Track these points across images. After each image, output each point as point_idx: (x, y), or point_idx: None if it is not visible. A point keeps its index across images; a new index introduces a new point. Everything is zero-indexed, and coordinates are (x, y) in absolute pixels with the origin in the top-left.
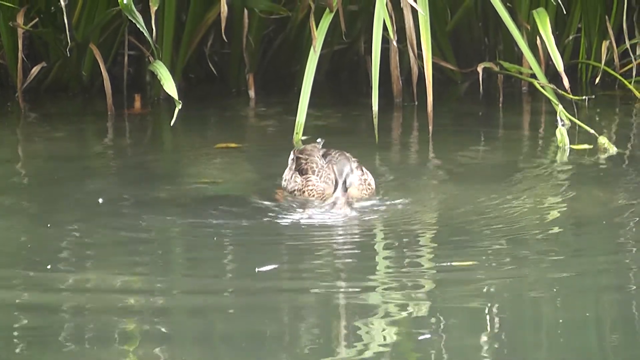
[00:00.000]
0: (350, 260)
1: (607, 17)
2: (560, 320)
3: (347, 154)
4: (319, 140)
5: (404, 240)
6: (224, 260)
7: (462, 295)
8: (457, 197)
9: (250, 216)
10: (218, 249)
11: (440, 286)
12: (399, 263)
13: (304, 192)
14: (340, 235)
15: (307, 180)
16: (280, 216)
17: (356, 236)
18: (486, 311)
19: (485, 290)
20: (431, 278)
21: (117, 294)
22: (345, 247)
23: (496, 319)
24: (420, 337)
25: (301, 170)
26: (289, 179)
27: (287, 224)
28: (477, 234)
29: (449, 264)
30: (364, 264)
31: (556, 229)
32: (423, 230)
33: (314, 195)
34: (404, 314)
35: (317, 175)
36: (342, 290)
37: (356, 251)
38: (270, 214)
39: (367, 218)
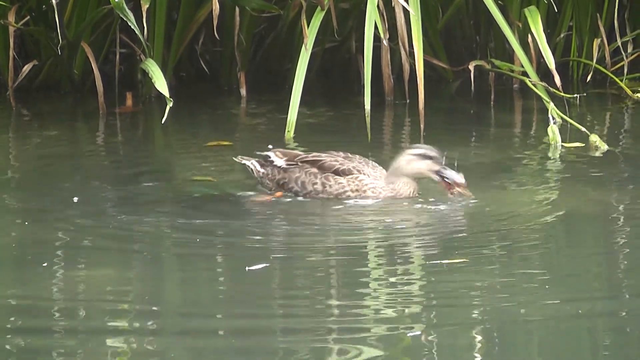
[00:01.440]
0: (341, 258)
1: (598, 15)
2: (552, 319)
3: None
4: (270, 146)
5: (395, 239)
6: (214, 259)
7: (453, 292)
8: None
9: (242, 214)
10: (209, 246)
11: (430, 283)
12: (390, 261)
13: (361, 191)
14: (332, 233)
15: (359, 180)
16: (271, 214)
17: (347, 235)
18: (478, 309)
19: (476, 287)
20: (422, 275)
21: (108, 288)
22: (337, 245)
23: (487, 317)
24: (410, 334)
25: (338, 172)
26: (320, 182)
27: (278, 222)
28: (468, 231)
29: (439, 261)
30: (356, 263)
31: (548, 227)
32: (413, 228)
33: (379, 194)
34: (395, 310)
35: (365, 174)
36: (333, 288)
37: (348, 250)
38: (261, 212)
39: (357, 217)
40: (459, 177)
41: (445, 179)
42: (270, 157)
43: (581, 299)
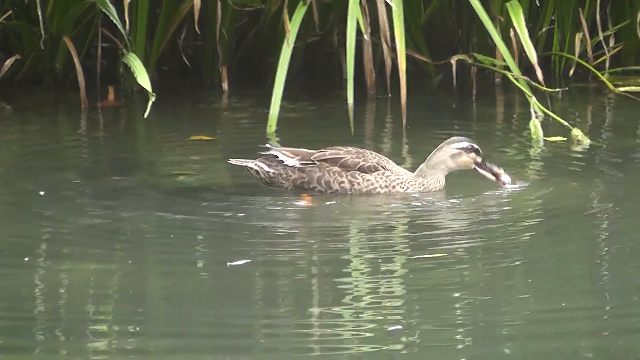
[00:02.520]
0: (324, 254)
1: (580, 9)
2: (533, 311)
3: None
4: (267, 145)
5: (375, 232)
6: (196, 253)
7: (433, 286)
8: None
9: (224, 208)
10: (191, 241)
11: (409, 276)
12: (371, 255)
13: (390, 187)
14: (314, 227)
15: (387, 176)
16: (253, 206)
17: (329, 227)
18: (459, 302)
19: (456, 281)
20: (402, 268)
21: (89, 282)
22: (319, 239)
23: (468, 309)
24: (391, 328)
25: (364, 169)
26: (347, 180)
27: (259, 217)
28: (449, 225)
29: (421, 256)
30: (337, 256)
31: (530, 220)
32: (394, 222)
33: (407, 189)
34: (376, 305)
35: (389, 169)
36: (314, 283)
37: (330, 243)
38: (243, 206)
39: (338, 211)
40: (497, 169)
41: (488, 170)
42: (278, 157)
43: (563, 294)
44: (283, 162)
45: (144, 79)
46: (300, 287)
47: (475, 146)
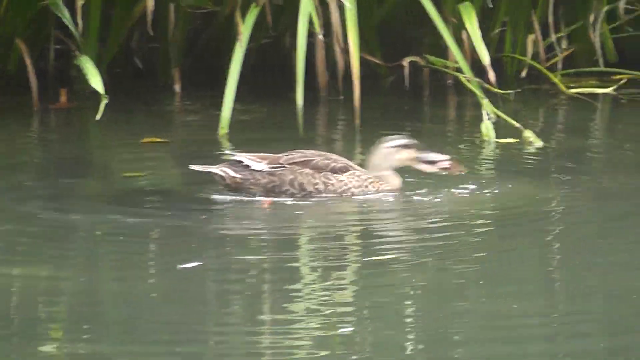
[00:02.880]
0: (275, 257)
1: (532, 11)
2: (484, 312)
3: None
4: (230, 151)
5: (327, 236)
6: (147, 256)
7: (384, 288)
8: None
9: (176, 211)
10: (142, 243)
11: (360, 279)
12: (322, 258)
13: (363, 187)
14: (266, 230)
15: (358, 176)
16: (205, 209)
17: (282, 230)
18: (408, 303)
19: (407, 283)
20: (352, 271)
21: (40, 283)
22: (272, 242)
23: (419, 311)
24: (342, 330)
25: (335, 169)
26: (321, 182)
27: (212, 219)
28: (400, 228)
29: (369, 258)
30: (289, 260)
31: (481, 222)
32: (342, 225)
33: (378, 188)
34: (326, 306)
35: (358, 170)
36: (265, 286)
37: (281, 246)
38: (195, 209)
39: (292, 215)
40: (441, 156)
41: (429, 163)
42: (243, 162)
43: (514, 295)
44: (249, 167)
45: (96, 81)
46: (251, 289)
47: (410, 142)
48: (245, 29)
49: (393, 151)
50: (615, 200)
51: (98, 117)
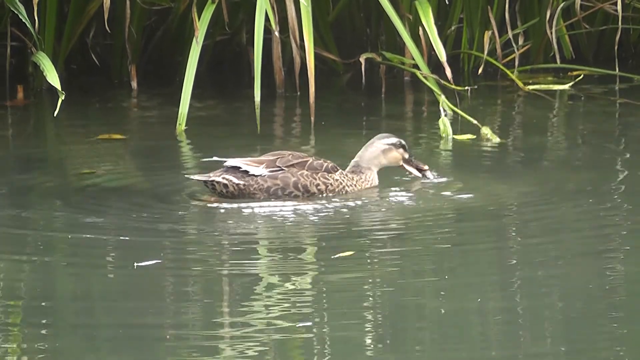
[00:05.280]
0: (234, 253)
1: (489, 7)
2: (442, 310)
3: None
4: (214, 157)
5: (288, 233)
6: (104, 254)
7: (343, 284)
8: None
9: (133, 208)
10: (99, 241)
11: (319, 274)
12: (280, 253)
13: (354, 185)
14: (226, 228)
15: (346, 175)
16: (163, 207)
17: (242, 227)
18: (367, 300)
19: (367, 279)
20: (312, 267)
21: None
22: (231, 239)
23: (379, 307)
24: (300, 324)
25: (329, 169)
26: (322, 182)
27: (170, 217)
28: (357, 225)
29: (331, 254)
30: (248, 256)
31: (438, 219)
32: (301, 222)
33: (364, 186)
34: (286, 302)
35: (340, 170)
36: (223, 282)
37: (241, 243)
38: (152, 205)
39: (251, 212)
40: (423, 165)
41: (414, 165)
42: (241, 168)
43: (473, 291)
44: (248, 172)
45: (53, 78)
46: (210, 286)
47: (403, 142)
48: (201, 25)
49: (388, 149)
50: (572, 196)
51: (55, 113)
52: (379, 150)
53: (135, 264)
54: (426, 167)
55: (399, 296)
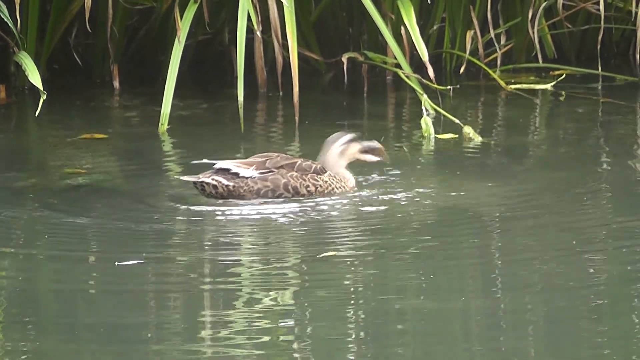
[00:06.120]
0: (217, 253)
1: (471, 6)
2: (423, 307)
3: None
4: (205, 160)
5: (267, 231)
6: (86, 252)
7: (326, 285)
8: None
9: (115, 207)
10: (81, 240)
11: (301, 275)
12: (263, 253)
13: (340, 186)
14: (205, 225)
15: (333, 176)
16: (145, 207)
17: (225, 228)
18: (350, 300)
19: (349, 279)
20: (295, 269)
21: None
22: (211, 236)
23: (360, 308)
24: (282, 323)
25: (317, 170)
26: (311, 183)
27: (153, 217)
28: (339, 225)
29: (318, 255)
30: (231, 257)
31: (421, 219)
32: (285, 222)
33: (349, 187)
34: (269, 302)
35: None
36: (206, 281)
37: (224, 244)
38: (136, 205)
39: (235, 213)
40: (375, 144)
41: (370, 152)
42: (231, 170)
43: (456, 290)
44: (238, 174)
45: (35, 77)
46: (192, 286)
47: (353, 135)
48: (183, 25)
49: (344, 148)
50: (554, 195)
51: (37, 113)
52: (336, 154)
53: (117, 263)
54: (379, 147)
55: (381, 296)
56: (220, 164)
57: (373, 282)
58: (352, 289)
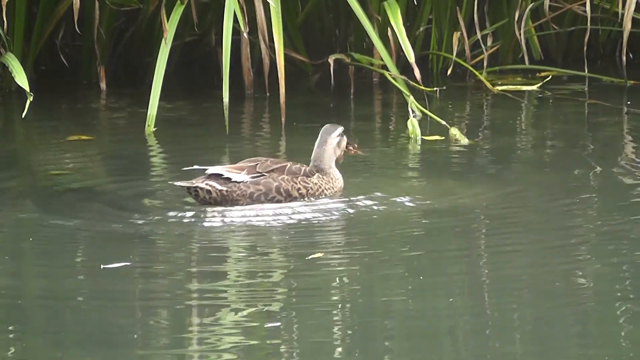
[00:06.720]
0: (204, 255)
1: (457, 8)
2: (410, 309)
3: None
4: (196, 166)
5: (255, 234)
6: (72, 255)
7: (312, 286)
8: None
9: (102, 209)
10: (68, 242)
11: (288, 276)
12: (251, 255)
13: (331, 188)
14: (192, 228)
15: (323, 178)
16: (132, 209)
17: (211, 231)
18: (336, 300)
19: (334, 280)
20: (281, 269)
21: None
22: (198, 239)
23: (346, 308)
24: (269, 324)
25: (307, 173)
26: (302, 186)
27: (139, 219)
28: (325, 226)
29: (298, 258)
30: (217, 259)
31: (407, 220)
32: (271, 223)
33: (339, 188)
34: (256, 304)
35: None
36: (193, 282)
37: (211, 247)
38: (122, 207)
39: (222, 217)
40: (352, 141)
41: (350, 144)
42: (223, 175)
43: (443, 292)
44: (230, 179)
45: (21, 79)
46: (178, 288)
47: (342, 128)
48: (170, 26)
49: (340, 140)
50: (540, 197)
51: (23, 114)
52: (334, 145)
53: (102, 266)
54: (356, 145)
55: (369, 297)
56: (212, 169)
57: (360, 283)
58: (339, 290)
